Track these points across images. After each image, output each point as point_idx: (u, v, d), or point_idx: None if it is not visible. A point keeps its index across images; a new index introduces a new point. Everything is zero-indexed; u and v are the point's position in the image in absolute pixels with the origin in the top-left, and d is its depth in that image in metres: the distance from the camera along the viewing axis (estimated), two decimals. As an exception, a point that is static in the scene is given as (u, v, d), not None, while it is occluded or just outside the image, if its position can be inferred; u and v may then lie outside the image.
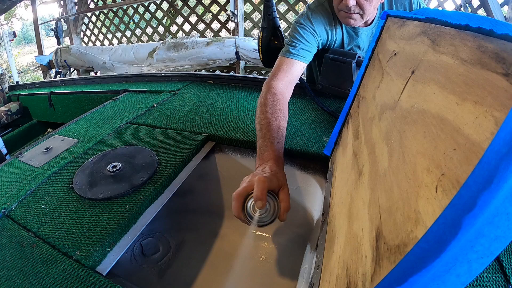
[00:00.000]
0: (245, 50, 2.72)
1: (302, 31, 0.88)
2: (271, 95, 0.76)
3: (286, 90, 0.82)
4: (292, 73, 0.85)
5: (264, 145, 0.63)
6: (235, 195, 0.51)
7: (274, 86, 0.79)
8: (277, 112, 0.71)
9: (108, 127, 0.94)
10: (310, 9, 0.91)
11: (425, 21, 0.39)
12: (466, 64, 0.24)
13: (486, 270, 0.44)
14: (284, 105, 0.75)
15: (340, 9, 0.83)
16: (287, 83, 0.83)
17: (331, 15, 0.90)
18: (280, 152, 0.61)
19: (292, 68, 0.85)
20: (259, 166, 0.59)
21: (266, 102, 0.74)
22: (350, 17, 0.83)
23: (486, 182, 0.15)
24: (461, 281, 0.17)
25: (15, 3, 2.81)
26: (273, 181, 0.51)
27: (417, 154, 0.26)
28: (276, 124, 0.68)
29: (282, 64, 0.86)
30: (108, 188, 0.65)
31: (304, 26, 0.89)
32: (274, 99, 0.75)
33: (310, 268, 0.53)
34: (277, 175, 0.53)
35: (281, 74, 0.83)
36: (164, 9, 3.67)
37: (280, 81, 0.82)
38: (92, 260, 0.50)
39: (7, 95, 1.87)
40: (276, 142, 0.63)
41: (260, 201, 0.47)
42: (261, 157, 0.61)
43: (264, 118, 0.70)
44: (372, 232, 0.28)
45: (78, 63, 3.46)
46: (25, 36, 10.83)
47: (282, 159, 0.60)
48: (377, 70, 0.55)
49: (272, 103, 0.74)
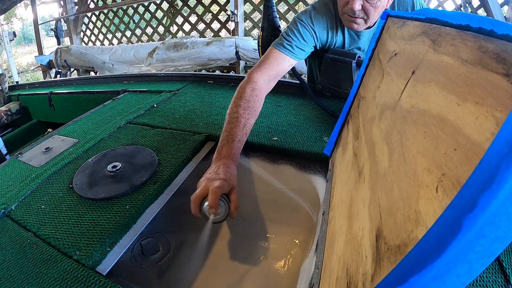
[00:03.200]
0: (245, 50, 2.72)
1: (302, 28, 0.87)
2: (250, 89, 0.78)
3: (266, 85, 0.82)
4: (278, 68, 0.84)
5: (226, 140, 0.69)
6: (192, 198, 0.59)
7: (256, 80, 0.80)
8: (248, 110, 0.74)
9: (108, 127, 0.94)
10: (314, 8, 0.90)
11: (425, 21, 0.39)
12: (466, 65, 0.24)
13: (486, 270, 0.44)
14: (258, 102, 0.78)
15: (344, 12, 0.82)
16: (270, 78, 0.83)
17: (334, 16, 0.89)
18: (237, 151, 0.69)
19: (280, 64, 0.85)
20: (215, 160, 0.66)
21: (242, 96, 0.76)
22: (354, 21, 0.82)
23: (486, 182, 0.15)
24: (461, 281, 0.17)
25: (15, 3, 2.81)
26: (224, 187, 0.59)
27: (418, 154, 0.26)
28: (243, 121, 0.72)
29: (271, 56, 0.85)
30: (108, 188, 0.65)
31: (305, 24, 0.88)
32: (251, 94, 0.77)
33: (310, 268, 0.53)
34: (228, 180, 0.60)
35: (267, 68, 0.83)
36: (164, 9, 3.68)
37: (263, 75, 0.82)
38: (92, 260, 0.50)
39: (7, 95, 1.87)
40: (237, 140, 0.69)
41: (213, 209, 0.56)
42: (220, 151, 0.68)
43: (236, 112, 0.73)
44: (372, 232, 0.28)
45: (78, 63, 3.46)
46: (25, 36, 10.83)
47: (237, 157, 0.69)
48: (377, 70, 0.55)
49: (248, 98, 0.76)
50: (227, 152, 0.67)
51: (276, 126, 0.90)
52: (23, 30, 10.99)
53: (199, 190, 0.59)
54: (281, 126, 0.90)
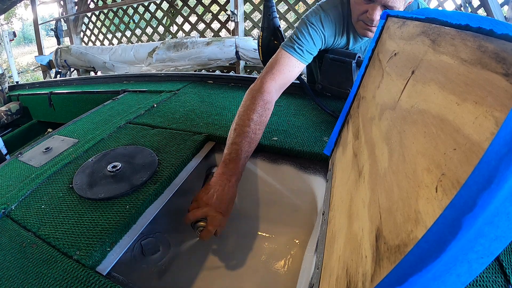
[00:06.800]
0: (245, 50, 2.72)
1: (312, 31, 0.85)
2: (262, 102, 0.76)
3: (276, 95, 0.81)
4: (290, 75, 0.83)
5: (235, 153, 0.70)
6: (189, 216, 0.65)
7: (269, 91, 0.78)
8: (260, 125, 0.74)
9: (108, 127, 0.94)
10: (323, 9, 0.86)
11: (425, 21, 0.39)
12: (466, 64, 0.24)
13: (486, 270, 0.44)
14: (268, 115, 0.78)
15: (360, 19, 0.80)
16: (281, 86, 0.82)
17: (342, 18, 0.87)
18: (243, 167, 0.71)
19: (291, 70, 0.83)
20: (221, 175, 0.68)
21: (255, 108, 0.75)
22: (369, 29, 0.81)
23: (486, 182, 0.15)
24: (461, 281, 0.17)
25: (15, 3, 2.81)
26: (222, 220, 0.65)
27: (417, 154, 0.26)
28: (254, 136, 0.73)
29: (283, 61, 0.82)
30: (108, 188, 0.65)
31: (315, 27, 0.85)
32: (264, 108, 0.76)
33: (310, 268, 0.53)
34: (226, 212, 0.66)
35: (279, 75, 0.81)
36: (164, 9, 3.68)
37: (275, 84, 0.80)
38: (92, 260, 0.50)
39: (7, 95, 1.87)
40: (245, 156, 0.71)
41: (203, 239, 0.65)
42: (227, 164, 0.69)
43: (247, 126, 0.73)
44: (372, 232, 0.28)
45: (78, 63, 3.46)
46: (25, 36, 10.83)
47: (242, 174, 0.71)
48: (377, 70, 0.55)
49: (261, 112, 0.75)
50: (234, 170, 0.68)
51: (276, 126, 0.90)
52: (23, 30, 11.00)
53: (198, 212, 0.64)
54: (281, 126, 0.90)
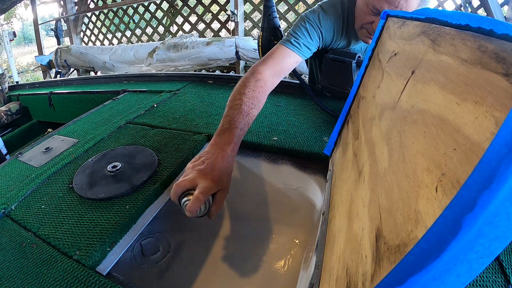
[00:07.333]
0: (245, 50, 2.72)
1: (309, 27, 0.86)
2: (254, 80, 0.72)
3: (271, 79, 0.77)
4: (283, 64, 0.81)
5: (227, 124, 0.62)
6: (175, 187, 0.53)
7: (261, 72, 0.75)
8: (252, 99, 0.68)
9: (108, 127, 0.94)
10: (322, 9, 0.88)
11: (425, 21, 0.39)
12: (466, 64, 0.24)
13: (486, 270, 0.44)
14: (262, 95, 0.72)
15: (364, 27, 0.80)
16: (275, 73, 0.79)
17: (341, 19, 0.88)
18: (239, 139, 0.62)
19: (285, 59, 0.81)
20: (213, 145, 0.59)
21: (246, 84, 0.70)
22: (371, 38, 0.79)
23: (486, 182, 0.15)
24: (461, 281, 0.17)
25: (15, 3, 2.81)
26: (212, 190, 0.53)
27: (417, 154, 0.26)
28: (247, 109, 0.66)
29: (277, 52, 0.82)
30: (108, 188, 0.65)
31: (312, 23, 0.86)
32: (255, 85, 0.71)
33: (310, 268, 0.53)
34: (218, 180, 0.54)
35: (272, 62, 0.79)
36: (164, 9, 3.68)
37: (268, 69, 0.77)
38: (92, 260, 0.50)
39: (7, 95, 1.87)
40: (240, 128, 0.62)
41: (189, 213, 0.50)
42: (220, 135, 0.61)
43: (239, 99, 0.67)
44: (372, 232, 0.28)
45: (78, 63, 3.46)
46: (25, 36, 10.84)
47: (237, 147, 0.62)
48: (377, 70, 0.55)
49: (253, 88, 0.70)
50: (228, 139, 0.60)
51: (276, 126, 0.90)
52: (23, 30, 11.00)
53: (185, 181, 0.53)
54: (281, 126, 0.90)
